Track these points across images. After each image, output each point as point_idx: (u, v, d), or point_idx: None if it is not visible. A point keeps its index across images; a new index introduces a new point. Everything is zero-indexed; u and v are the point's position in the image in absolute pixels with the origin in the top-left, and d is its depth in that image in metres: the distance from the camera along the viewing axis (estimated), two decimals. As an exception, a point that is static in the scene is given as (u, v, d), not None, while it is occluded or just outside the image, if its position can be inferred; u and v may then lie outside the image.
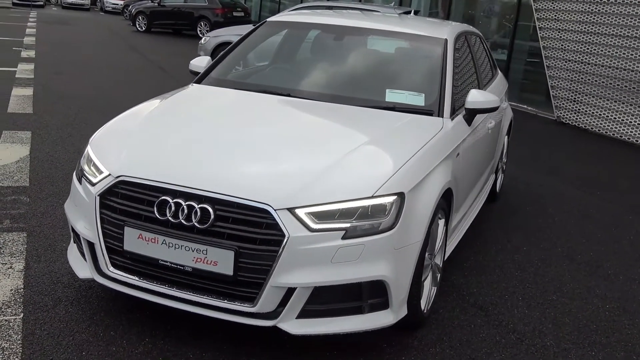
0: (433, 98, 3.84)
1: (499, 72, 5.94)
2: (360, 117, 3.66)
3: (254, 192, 2.75)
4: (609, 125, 9.66)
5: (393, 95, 3.87)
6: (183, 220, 2.75)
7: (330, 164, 2.97)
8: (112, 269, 2.94)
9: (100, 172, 3.02)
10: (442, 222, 3.41)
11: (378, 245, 2.80)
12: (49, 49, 14.23)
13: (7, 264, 3.58)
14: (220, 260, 2.72)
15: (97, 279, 3.02)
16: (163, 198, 2.80)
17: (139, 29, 22.72)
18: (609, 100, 9.64)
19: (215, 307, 2.79)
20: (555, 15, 10.42)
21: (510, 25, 12.37)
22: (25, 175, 5.16)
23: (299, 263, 2.70)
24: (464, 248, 4.45)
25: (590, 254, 4.73)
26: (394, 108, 3.76)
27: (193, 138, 3.24)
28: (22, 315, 3.08)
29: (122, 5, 31.70)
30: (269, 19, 4.80)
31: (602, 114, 9.77)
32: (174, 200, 2.78)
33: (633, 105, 9.31)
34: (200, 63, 4.39)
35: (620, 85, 9.43)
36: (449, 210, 3.57)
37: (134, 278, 2.90)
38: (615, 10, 9.35)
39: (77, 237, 3.18)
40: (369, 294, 2.85)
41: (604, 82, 9.67)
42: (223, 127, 3.45)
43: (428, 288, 3.34)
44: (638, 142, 9.26)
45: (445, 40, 4.23)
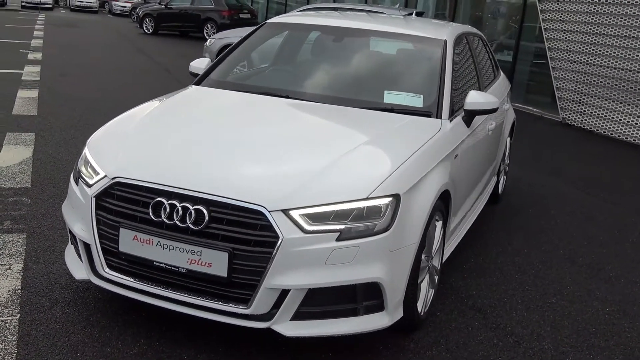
0: (431, 99, 3.83)
1: (502, 73, 5.92)
2: (358, 118, 3.66)
3: (248, 193, 2.75)
4: (614, 127, 9.61)
5: (391, 97, 3.86)
6: (178, 222, 2.76)
7: (326, 166, 2.97)
8: (107, 270, 2.95)
9: (97, 173, 3.03)
10: (439, 224, 3.39)
11: (373, 247, 2.79)
12: (57, 52, 14.30)
13: (5, 265, 3.60)
14: (215, 262, 2.72)
15: (93, 280, 3.03)
16: (158, 199, 2.80)
17: (146, 31, 22.82)
18: (615, 102, 9.59)
19: (210, 308, 2.79)
20: (561, 17, 10.38)
21: (516, 26, 12.32)
22: (28, 177, 5.18)
23: (293, 265, 2.69)
24: (464, 250, 4.43)
25: (592, 256, 4.70)
26: (392, 109, 3.75)
27: (189, 140, 3.24)
28: (18, 316, 3.09)
29: (129, 8, 31.87)
30: (269, 21, 4.80)
31: (607, 116, 9.72)
32: (169, 202, 2.78)
33: (638, 107, 9.25)
34: (200, 65, 4.39)
35: (626, 87, 9.37)
36: (447, 212, 3.55)
37: (129, 279, 2.91)
38: (621, 11, 9.30)
39: (74, 238, 3.19)
40: (364, 296, 2.84)
41: (610, 83, 9.62)
42: (219, 128, 3.45)
43: (425, 290, 3.32)
44: (644, 143, 9.22)
45: (445, 42, 4.21)
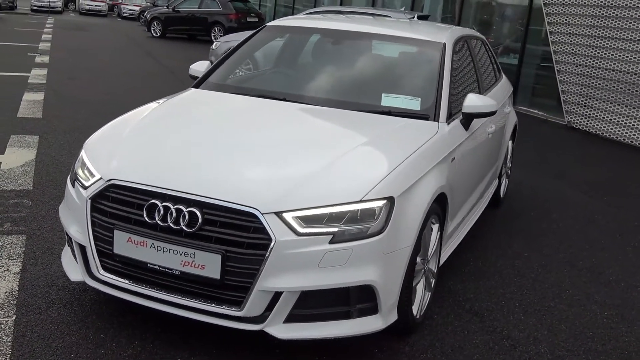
0: (429, 102, 3.83)
1: (504, 76, 5.90)
2: (355, 121, 3.66)
3: (242, 195, 2.76)
4: (620, 130, 9.56)
5: (389, 100, 3.86)
6: (171, 224, 2.77)
7: (321, 168, 2.97)
8: (102, 272, 2.97)
9: (93, 175, 3.04)
10: (435, 227, 3.38)
11: (366, 250, 2.78)
12: (65, 55, 14.38)
13: (4, 267, 3.62)
14: (208, 264, 2.72)
15: (88, 282, 3.05)
16: (152, 202, 2.82)
17: (154, 35, 22.91)
18: (620, 105, 9.54)
19: (203, 310, 2.79)
20: (566, 20, 10.34)
21: (522, 30, 12.29)
22: (30, 179, 5.21)
23: (286, 267, 2.69)
24: (464, 253, 4.42)
25: (593, 260, 4.67)
26: (390, 112, 3.75)
27: (184, 142, 3.25)
28: (14, 318, 3.11)
29: (138, 11, 32.02)
30: (269, 24, 4.81)
31: (612, 119, 9.67)
32: (163, 204, 2.79)
33: (645, 110, 9.21)
34: (200, 67, 4.41)
35: (632, 90, 9.32)
36: (444, 216, 3.54)
37: (124, 281, 2.92)
38: (627, 15, 9.26)
39: (70, 240, 3.20)
40: (358, 299, 2.84)
41: (615, 86, 9.57)
42: (214, 131, 3.46)
43: (421, 293, 3.31)
44: (650, 147, 9.17)
45: (444, 45, 4.21)
